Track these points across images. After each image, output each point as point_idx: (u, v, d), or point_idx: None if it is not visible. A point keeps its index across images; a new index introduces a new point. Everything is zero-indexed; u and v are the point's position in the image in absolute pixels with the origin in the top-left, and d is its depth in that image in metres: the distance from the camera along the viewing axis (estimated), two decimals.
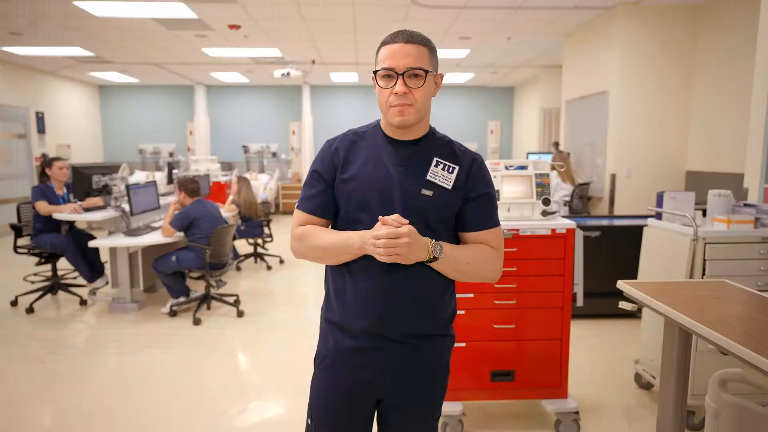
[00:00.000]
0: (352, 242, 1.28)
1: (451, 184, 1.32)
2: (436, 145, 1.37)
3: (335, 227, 1.40)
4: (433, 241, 1.27)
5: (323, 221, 1.38)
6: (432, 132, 1.39)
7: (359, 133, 1.39)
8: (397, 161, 1.32)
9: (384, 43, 1.30)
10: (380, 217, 1.24)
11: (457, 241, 1.39)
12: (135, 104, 12.39)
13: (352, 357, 1.35)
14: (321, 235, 1.33)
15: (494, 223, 1.38)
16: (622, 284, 1.80)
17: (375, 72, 1.30)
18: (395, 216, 1.23)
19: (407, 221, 1.23)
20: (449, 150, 1.37)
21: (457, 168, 1.33)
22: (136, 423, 2.80)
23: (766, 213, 2.68)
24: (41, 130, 9.89)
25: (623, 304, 1.79)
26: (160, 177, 9.15)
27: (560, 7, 5.82)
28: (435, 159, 1.33)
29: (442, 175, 1.32)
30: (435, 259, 1.26)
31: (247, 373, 3.49)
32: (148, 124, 12.42)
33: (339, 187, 1.35)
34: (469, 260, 1.32)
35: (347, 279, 1.34)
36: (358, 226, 1.32)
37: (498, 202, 2.61)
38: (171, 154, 12.15)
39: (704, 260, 2.61)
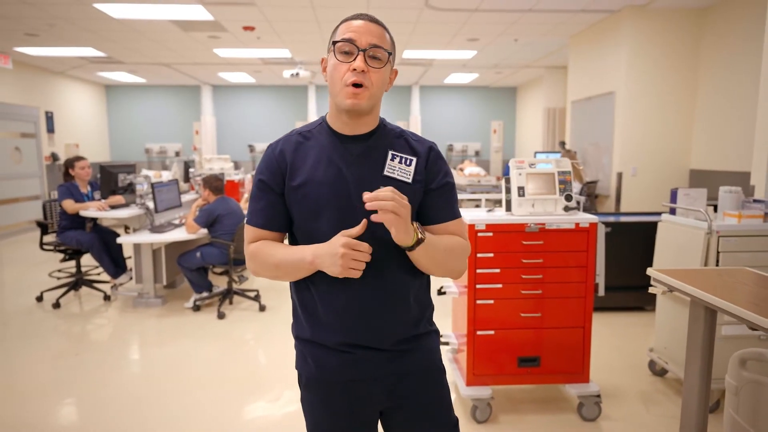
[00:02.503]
0: (302, 257, 1.18)
1: (410, 177, 1.22)
2: (388, 137, 1.26)
3: (292, 238, 1.30)
4: (416, 222, 1.17)
5: (276, 235, 1.27)
6: (383, 124, 1.28)
7: (304, 133, 1.27)
8: (349, 159, 1.22)
9: (344, 21, 1.20)
10: (365, 193, 1.11)
11: None
12: (141, 104, 12.51)
13: (338, 374, 1.26)
14: (272, 252, 1.22)
15: (457, 213, 1.29)
16: (651, 271, 1.96)
17: (334, 43, 1.18)
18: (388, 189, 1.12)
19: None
20: (403, 141, 1.27)
21: (414, 159, 1.24)
22: (164, 414, 2.92)
23: None
24: (50, 129, 10.00)
25: (653, 289, 1.95)
26: (168, 176, 9.26)
27: (568, 10, 5.98)
28: (390, 152, 1.23)
29: (399, 168, 1.22)
30: (421, 241, 1.15)
31: (275, 364, 3.63)
32: (154, 124, 12.54)
33: (290, 196, 1.23)
34: (446, 248, 1.22)
35: (314, 293, 1.24)
36: (315, 234, 1.21)
37: (523, 198, 2.78)
38: (177, 154, 12.29)
39: (718, 252, 2.77)
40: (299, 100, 12.49)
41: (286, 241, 1.32)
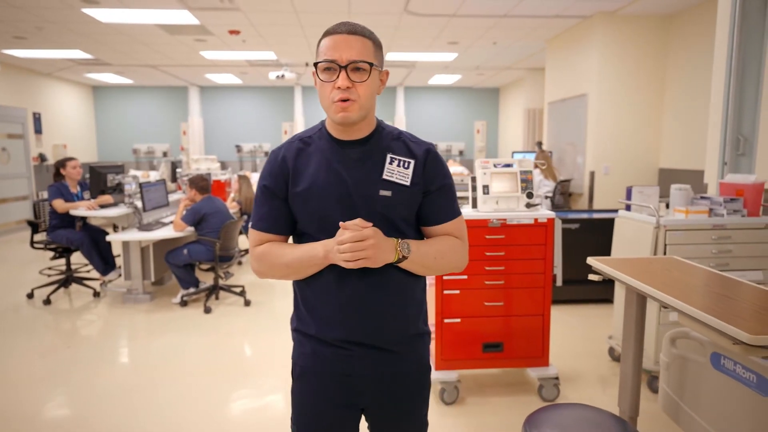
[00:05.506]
0: (315, 253, 1.23)
1: (409, 180, 1.27)
2: (386, 140, 1.30)
3: (296, 241, 1.34)
4: (399, 240, 1.24)
5: (281, 238, 1.32)
6: (380, 127, 1.32)
7: (304, 139, 1.32)
8: (349, 164, 1.26)
9: (326, 34, 1.22)
10: (341, 223, 1.19)
11: (420, 236, 1.36)
12: (129, 105, 12.60)
13: (333, 367, 1.31)
14: (282, 252, 1.27)
15: (456, 213, 1.34)
16: (591, 260, 2.18)
17: (316, 64, 1.22)
18: (357, 220, 1.19)
19: (370, 224, 1.20)
20: (401, 144, 1.30)
21: (412, 162, 1.28)
22: (154, 403, 3.08)
23: (718, 204, 3.10)
24: (38, 130, 10.08)
25: (592, 276, 2.18)
26: (155, 176, 9.41)
27: (543, 15, 6.23)
28: (389, 156, 1.28)
29: (398, 171, 1.26)
30: (404, 258, 1.22)
31: (259, 356, 3.82)
32: (142, 125, 12.64)
33: (293, 201, 1.28)
34: (437, 254, 1.29)
35: (317, 291, 1.29)
36: (319, 236, 1.26)
37: (487, 196, 3.00)
38: (165, 154, 12.40)
39: (665, 245, 3.01)
40: (285, 101, 12.66)
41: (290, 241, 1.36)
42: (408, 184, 1.27)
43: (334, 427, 1.35)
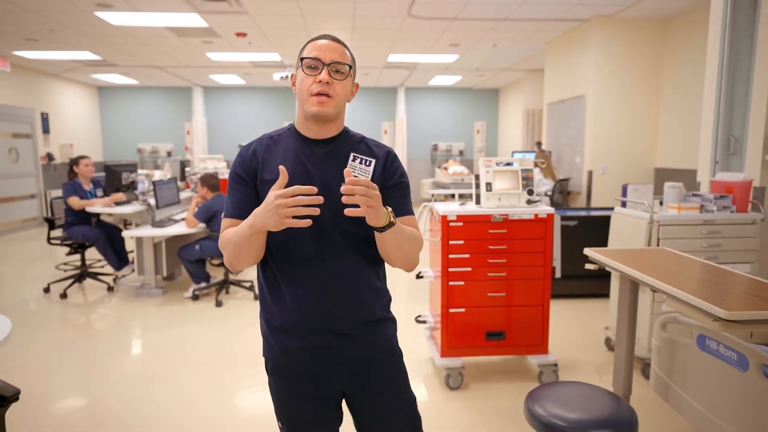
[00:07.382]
0: (246, 223, 1.26)
1: (369, 177, 1.34)
2: (350, 142, 1.40)
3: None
4: (389, 207, 1.29)
5: None
6: (346, 131, 1.43)
7: (274, 137, 1.41)
8: (314, 159, 1.35)
9: (310, 41, 1.36)
10: (347, 177, 1.18)
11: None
12: (133, 105, 12.75)
13: (303, 358, 1.37)
14: (230, 233, 1.31)
15: (410, 210, 1.43)
16: (588, 251, 2.36)
17: (302, 59, 1.33)
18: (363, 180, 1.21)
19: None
20: (364, 146, 1.41)
21: (373, 161, 1.36)
22: (166, 390, 3.24)
23: (709, 201, 3.27)
24: (46, 130, 10.24)
25: (589, 266, 2.35)
26: (160, 175, 9.56)
27: (542, 19, 6.41)
28: (352, 154, 1.36)
29: (360, 168, 1.34)
30: (392, 224, 1.27)
31: None
32: (146, 124, 12.79)
33: (261, 190, 1.34)
34: (410, 235, 1.35)
35: (281, 281, 1.35)
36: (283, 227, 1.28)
37: (490, 193, 3.18)
38: (169, 153, 12.57)
39: (659, 239, 3.19)
40: (288, 101, 12.83)
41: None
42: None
43: (318, 417, 1.42)
